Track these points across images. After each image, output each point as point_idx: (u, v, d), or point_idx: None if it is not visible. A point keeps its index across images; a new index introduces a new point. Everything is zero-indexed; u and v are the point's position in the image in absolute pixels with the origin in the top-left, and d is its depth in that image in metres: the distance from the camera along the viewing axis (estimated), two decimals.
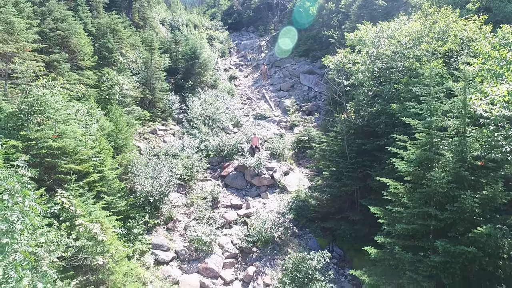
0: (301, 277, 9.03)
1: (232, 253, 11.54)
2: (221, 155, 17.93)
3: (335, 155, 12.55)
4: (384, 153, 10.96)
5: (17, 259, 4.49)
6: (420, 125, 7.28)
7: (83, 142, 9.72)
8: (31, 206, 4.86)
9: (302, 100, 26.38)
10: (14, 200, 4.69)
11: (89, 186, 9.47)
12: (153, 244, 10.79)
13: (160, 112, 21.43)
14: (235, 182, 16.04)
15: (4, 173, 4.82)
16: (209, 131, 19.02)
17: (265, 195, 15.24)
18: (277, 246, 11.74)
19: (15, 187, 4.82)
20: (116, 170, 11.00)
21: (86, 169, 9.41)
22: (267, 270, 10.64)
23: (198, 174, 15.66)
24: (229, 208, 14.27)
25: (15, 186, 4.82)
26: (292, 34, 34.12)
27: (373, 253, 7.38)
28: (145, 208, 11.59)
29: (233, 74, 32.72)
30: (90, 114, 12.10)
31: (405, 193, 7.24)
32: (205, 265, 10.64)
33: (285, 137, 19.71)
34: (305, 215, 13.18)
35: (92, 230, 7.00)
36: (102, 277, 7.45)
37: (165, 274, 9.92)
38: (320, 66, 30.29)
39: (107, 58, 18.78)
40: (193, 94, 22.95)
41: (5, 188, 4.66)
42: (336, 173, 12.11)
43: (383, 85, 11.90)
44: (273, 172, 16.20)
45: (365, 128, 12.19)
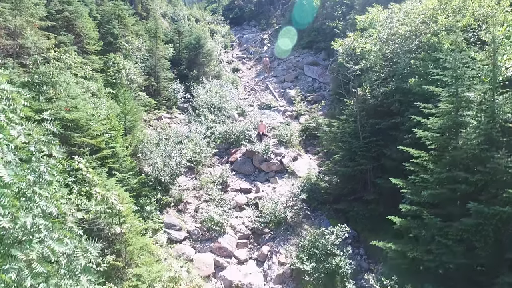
0: (318, 253, 8.87)
1: (245, 234, 11.36)
2: (228, 142, 17.73)
3: (348, 136, 12.39)
4: (399, 131, 10.84)
5: (45, 209, 4.29)
6: (445, 92, 7.13)
7: (94, 117, 9.52)
8: (58, 159, 4.66)
9: (307, 90, 26.22)
10: (41, 150, 4.50)
11: (101, 162, 9.28)
12: (165, 224, 10.59)
13: (165, 101, 21.22)
14: (243, 168, 15.84)
15: (28, 125, 4.62)
16: (215, 118, 18.82)
17: (274, 180, 15.06)
18: (289, 227, 11.56)
19: (41, 139, 4.63)
20: (127, 149, 10.80)
21: (99, 144, 9.21)
22: (281, 249, 10.47)
23: (206, 160, 15.45)
24: (238, 192, 14.08)
25: (41, 138, 4.63)
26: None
27: (397, 221, 7.21)
28: (156, 189, 11.38)
29: (236, 66, 32.52)
30: (98, 96, 11.90)
31: (430, 160, 7.08)
32: (219, 245, 10.45)
33: (292, 126, 19.55)
34: (316, 198, 13.00)
35: (109, 199, 6.79)
36: (119, 248, 7.25)
37: (178, 252, 9.73)
38: (324, 58, 30.19)
39: (112, 44, 18.53)
40: (197, 84, 22.74)
41: (33, 139, 4.46)
42: (349, 154, 11.94)
43: (396, 64, 11.74)
44: (281, 157, 16.03)
45: (378, 108, 12.04)
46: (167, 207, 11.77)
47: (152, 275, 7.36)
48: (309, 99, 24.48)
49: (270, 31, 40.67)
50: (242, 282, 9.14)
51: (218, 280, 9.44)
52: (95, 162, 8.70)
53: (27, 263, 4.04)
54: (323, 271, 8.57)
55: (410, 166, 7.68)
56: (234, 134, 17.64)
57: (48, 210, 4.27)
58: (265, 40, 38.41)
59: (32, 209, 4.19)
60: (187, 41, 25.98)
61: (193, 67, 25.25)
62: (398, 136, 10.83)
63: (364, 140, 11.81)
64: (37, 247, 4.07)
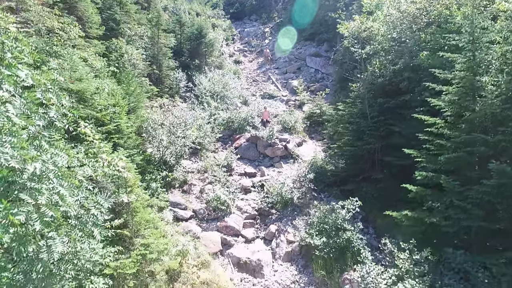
0: (328, 228, 8.67)
1: (251, 214, 11.16)
2: (232, 129, 17.54)
3: (355, 116, 12.20)
4: (409, 108, 10.66)
5: (55, 157, 4.09)
6: (461, 57, 6.94)
7: (99, 91, 9.30)
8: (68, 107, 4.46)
9: (310, 81, 26.04)
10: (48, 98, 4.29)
11: (106, 137, 9.07)
12: (171, 202, 10.39)
13: (168, 89, 21.00)
14: (247, 153, 15.64)
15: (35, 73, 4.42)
16: (218, 105, 18.62)
17: (279, 165, 14.86)
18: (297, 208, 11.36)
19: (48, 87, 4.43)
20: (131, 127, 10.58)
21: (103, 117, 9.00)
22: (289, 228, 10.27)
23: (210, 145, 15.25)
24: (243, 176, 13.88)
25: (48, 86, 4.43)
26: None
27: (413, 189, 7.01)
28: (161, 168, 11.17)
29: (237, 59, 32.30)
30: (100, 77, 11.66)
31: (446, 127, 6.90)
32: (225, 224, 10.24)
33: (296, 113, 19.37)
34: (323, 180, 12.78)
35: (117, 165, 6.57)
36: (127, 219, 7.04)
37: (185, 229, 9.52)
38: (326, 49, 30.01)
39: (114, 29, 18.27)
40: (200, 74, 22.52)
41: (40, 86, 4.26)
42: (357, 134, 11.75)
43: (405, 43, 11.55)
44: (286, 143, 15.83)
45: (386, 87, 11.85)
46: (171, 188, 11.57)
47: (160, 246, 7.16)
48: (312, 89, 24.29)
49: (271, 24, 40.47)
50: (250, 258, 8.95)
51: (225, 257, 9.24)
52: (100, 136, 8.48)
53: (36, 208, 3.84)
54: (334, 246, 8.37)
55: (424, 135, 7.49)
56: (237, 120, 17.45)
57: (58, 158, 4.07)
58: (267, 33, 38.21)
59: (42, 155, 4.00)
60: (189, 31, 25.76)
61: (195, 58, 25.04)
62: (407, 114, 10.66)
63: (372, 120, 11.63)
64: (46, 193, 3.88)
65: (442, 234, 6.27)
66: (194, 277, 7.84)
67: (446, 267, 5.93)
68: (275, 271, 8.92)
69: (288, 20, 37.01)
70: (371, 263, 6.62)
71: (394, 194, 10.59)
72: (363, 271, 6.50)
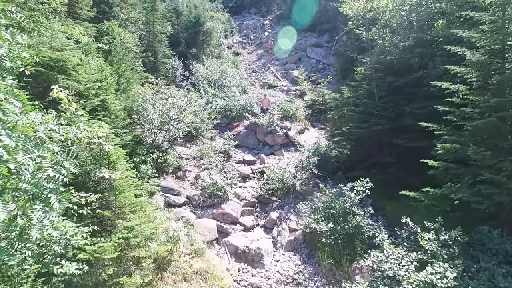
0: (336, 212, 7.83)
1: (250, 201, 10.33)
2: (230, 117, 16.70)
3: (362, 97, 11.37)
4: (421, 86, 9.84)
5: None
6: (489, 15, 6.11)
7: (84, 62, 8.46)
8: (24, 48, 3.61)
9: (311, 71, 25.20)
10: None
11: (90, 114, 8.22)
12: (163, 187, 9.55)
13: (163, 77, 20.13)
14: (246, 141, 14.81)
15: None
16: (215, 93, 17.77)
17: (279, 153, 14.01)
18: (299, 195, 10.53)
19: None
20: (121, 105, 9.73)
21: (87, 91, 8.14)
22: (291, 216, 9.43)
23: (206, 133, 14.41)
24: (242, 164, 13.04)
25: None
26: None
27: (435, 164, 6.17)
28: (152, 152, 10.31)
29: (236, 50, 31.40)
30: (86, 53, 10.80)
31: (471, 93, 6.07)
32: (222, 211, 9.40)
33: (297, 102, 18.53)
34: (326, 168, 11.95)
35: (96, 135, 5.70)
36: (109, 199, 6.19)
37: (177, 215, 8.68)
38: (327, 40, 29.18)
39: (107, 12, 17.42)
40: (197, 62, 21.67)
41: None
42: (364, 115, 10.92)
43: (417, 16, 10.72)
44: (287, 130, 14.99)
45: (395, 66, 11.01)
46: (164, 174, 10.72)
47: (147, 230, 6.31)
48: (313, 79, 23.46)
49: (271, 17, 39.64)
50: (249, 247, 8.10)
51: (222, 246, 8.39)
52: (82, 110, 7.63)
53: None
54: (342, 232, 7.53)
55: (445, 105, 6.66)
56: (236, 108, 16.61)
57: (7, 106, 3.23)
58: (266, 26, 37.36)
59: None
60: (186, 20, 24.93)
61: (192, 47, 24.21)
62: (419, 92, 9.84)
63: (380, 100, 10.80)
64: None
65: (471, 213, 5.45)
66: (186, 266, 7.00)
67: (478, 249, 5.11)
68: (276, 261, 8.07)
69: (288, 13, 36.18)
70: (389, 245, 5.77)
71: (405, 179, 9.80)
72: (379, 256, 5.65)
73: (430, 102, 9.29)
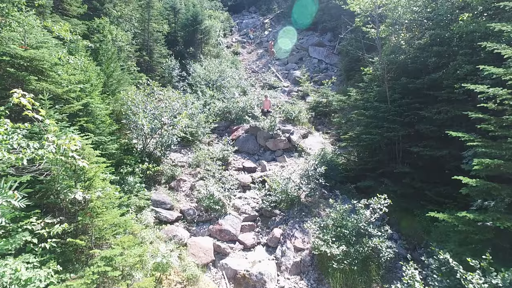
0: (348, 233, 6.88)
1: (251, 215, 9.37)
2: (228, 120, 15.76)
3: (373, 100, 10.42)
4: (440, 88, 8.90)
5: None
6: None
7: (62, 62, 7.50)
8: None
9: (313, 71, 24.26)
10: None
11: (70, 120, 7.26)
12: (153, 201, 8.58)
13: (159, 78, 19.18)
14: (246, 146, 13.86)
15: None
16: (214, 94, 16.81)
17: (282, 159, 13.07)
18: (304, 207, 9.58)
19: None
20: (106, 110, 8.76)
21: (66, 95, 7.18)
22: (296, 233, 8.47)
23: (203, 137, 13.45)
24: (241, 172, 12.10)
25: None
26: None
27: (470, 182, 5.20)
28: (143, 161, 9.35)
29: (235, 50, 30.43)
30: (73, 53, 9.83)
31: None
32: (219, 227, 8.44)
33: (299, 104, 17.57)
34: (333, 177, 11.00)
35: (67, 150, 4.73)
36: (82, 220, 5.21)
37: (169, 234, 7.71)
38: (330, 39, 28.23)
39: (98, 9, 16.46)
40: (195, 62, 20.71)
41: None
42: (375, 120, 9.98)
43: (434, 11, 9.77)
44: (290, 134, 14.05)
45: (409, 66, 10.08)
46: (156, 184, 9.77)
47: (130, 259, 5.35)
48: (315, 79, 22.52)
49: (271, 15, 38.69)
50: (249, 271, 7.14)
51: (219, 270, 7.43)
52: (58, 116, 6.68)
53: None
54: (356, 256, 6.58)
55: (476, 113, 5.71)
56: (235, 110, 15.67)
57: None
58: (266, 25, 36.41)
59: None
60: (184, 18, 23.97)
61: (190, 46, 23.25)
62: (437, 95, 8.90)
63: (393, 104, 9.86)
64: None
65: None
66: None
67: None
68: (281, 287, 7.11)
69: (289, 12, 35.21)
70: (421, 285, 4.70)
71: (422, 191, 8.87)
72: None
73: (451, 106, 8.37)
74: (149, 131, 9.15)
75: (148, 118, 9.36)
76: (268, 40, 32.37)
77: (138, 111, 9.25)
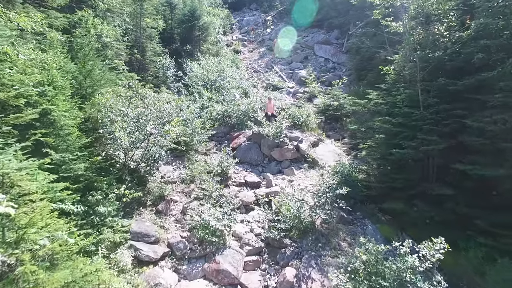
0: (389, 286, 5.13)
1: (255, 247, 7.64)
2: (229, 125, 14.04)
3: (401, 104, 8.68)
4: (490, 91, 7.16)
5: None
6: None
7: (7, 57, 5.77)
8: None
9: (320, 71, 22.53)
10: None
11: (21, 133, 5.55)
12: (133, 233, 6.85)
13: (152, 78, 17.47)
14: (248, 156, 12.13)
15: None
16: (212, 96, 15.08)
17: (289, 172, 11.34)
18: (321, 236, 7.86)
19: None
20: (76, 119, 7.03)
21: (13, 100, 5.45)
22: (313, 273, 6.74)
23: (200, 146, 11.72)
24: (243, 187, 10.38)
25: None
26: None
27: None
28: (122, 180, 7.61)
29: (236, 48, 28.68)
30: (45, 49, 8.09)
31: None
32: (216, 266, 6.71)
33: (306, 107, 15.84)
34: (352, 195, 9.26)
35: None
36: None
37: (151, 280, 5.97)
38: (337, 36, 26.49)
39: (83, 1, 14.71)
40: (192, 60, 18.96)
41: None
42: (406, 129, 8.24)
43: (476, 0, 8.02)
44: (298, 142, 12.32)
45: (447, 64, 8.33)
46: (141, 207, 8.04)
47: None
48: (322, 79, 20.78)
49: (273, 12, 36.98)
50: None
51: None
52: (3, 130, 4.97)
53: None
54: None
55: None
56: (236, 114, 13.95)
57: None
58: (268, 22, 34.70)
59: None
60: (180, 14, 22.25)
61: (187, 43, 21.53)
62: (488, 99, 7.16)
63: (427, 110, 8.12)
64: None
65: None
66: None
67: None
68: None
69: (292, 8, 33.45)
70: None
71: (469, 218, 7.16)
72: None
73: (508, 115, 6.63)
74: (128, 145, 7.39)
75: (129, 128, 7.61)
76: (270, 38, 30.67)
77: (116, 119, 7.50)
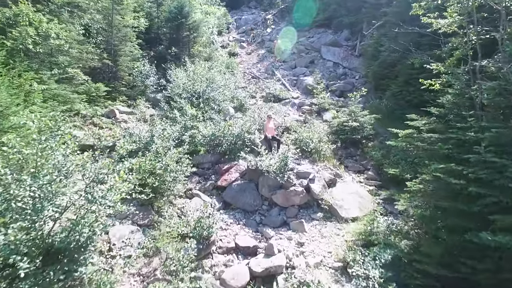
0: None
1: None
2: (217, 152, 10.85)
3: (482, 149, 5.47)
4: None
5: None
6: None
7: None
8: None
9: (328, 77, 19.33)
10: None
11: None
12: None
13: (126, 88, 14.31)
14: (241, 200, 8.98)
15: None
16: (198, 114, 11.91)
17: (298, 226, 8.14)
18: None
19: None
20: None
21: None
22: None
23: (176, 186, 8.51)
24: (232, 254, 7.21)
25: None
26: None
27: None
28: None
29: (232, 50, 25.46)
30: None
31: None
32: None
33: (316, 125, 12.65)
34: (395, 279, 6.11)
35: None
36: None
37: None
38: (347, 37, 23.29)
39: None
40: (177, 66, 15.76)
41: None
42: (493, 191, 5.04)
43: None
44: (309, 181, 9.14)
45: None
46: None
47: None
48: (333, 88, 17.59)
49: (274, 11, 33.79)
50: None
51: None
52: None
53: None
54: None
55: None
56: (227, 138, 10.76)
57: None
58: (269, 21, 31.48)
59: None
60: (166, 11, 19.07)
61: (174, 45, 18.36)
62: None
63: None
64: None
65: None
66: None
67: None
68: None
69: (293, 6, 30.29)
70: None
71: None
72: None
73: None
74: (21, 236, 4.15)
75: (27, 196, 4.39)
76: (270, 39, 27.49)
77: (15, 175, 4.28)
